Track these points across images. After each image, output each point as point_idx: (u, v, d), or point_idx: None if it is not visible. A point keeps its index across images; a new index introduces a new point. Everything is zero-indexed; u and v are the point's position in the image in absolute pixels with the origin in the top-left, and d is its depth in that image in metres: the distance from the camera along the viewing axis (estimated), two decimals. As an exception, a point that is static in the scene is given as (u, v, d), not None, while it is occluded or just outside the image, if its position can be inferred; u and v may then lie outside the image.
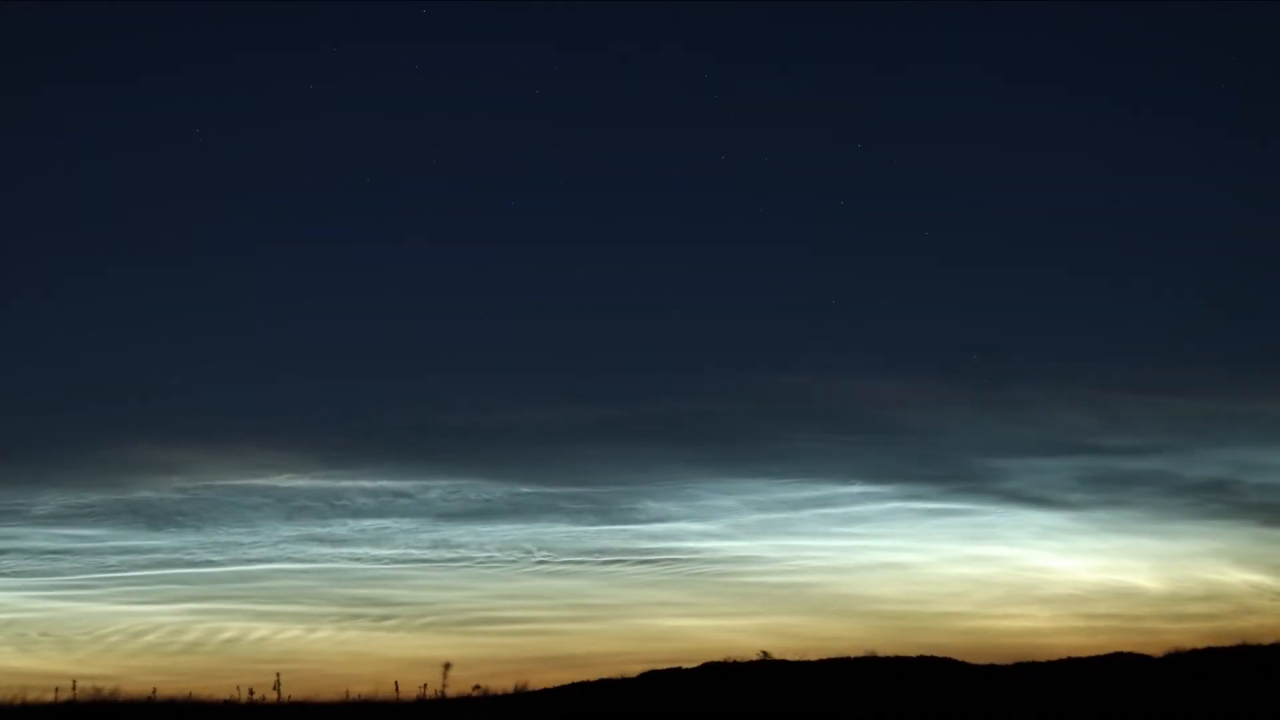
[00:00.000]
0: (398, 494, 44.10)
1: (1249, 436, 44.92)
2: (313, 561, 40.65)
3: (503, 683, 26.66)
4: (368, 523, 42.76)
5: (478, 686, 24.51)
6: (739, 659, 31.49)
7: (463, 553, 41.62)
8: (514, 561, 41.32)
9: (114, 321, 48.26)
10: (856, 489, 44.22)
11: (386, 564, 40.99)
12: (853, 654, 31.25)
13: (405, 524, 42.92)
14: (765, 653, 31.44)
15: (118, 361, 47.43)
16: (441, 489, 44.48)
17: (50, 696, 20.94)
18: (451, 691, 23.53)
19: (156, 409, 46.79)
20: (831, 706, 24.10)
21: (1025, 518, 43.13)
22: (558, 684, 30.18)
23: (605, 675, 31.13)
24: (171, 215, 48.98)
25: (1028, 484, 44.28)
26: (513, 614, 39.08)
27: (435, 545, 41.93)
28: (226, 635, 35.94)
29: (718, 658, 31.74)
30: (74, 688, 21.08)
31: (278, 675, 22.20)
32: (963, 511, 43.45)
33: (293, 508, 43.05)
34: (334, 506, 43.33)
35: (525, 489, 45.08)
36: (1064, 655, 31.70)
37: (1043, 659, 31.49)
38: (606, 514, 44.00)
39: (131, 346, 47.86)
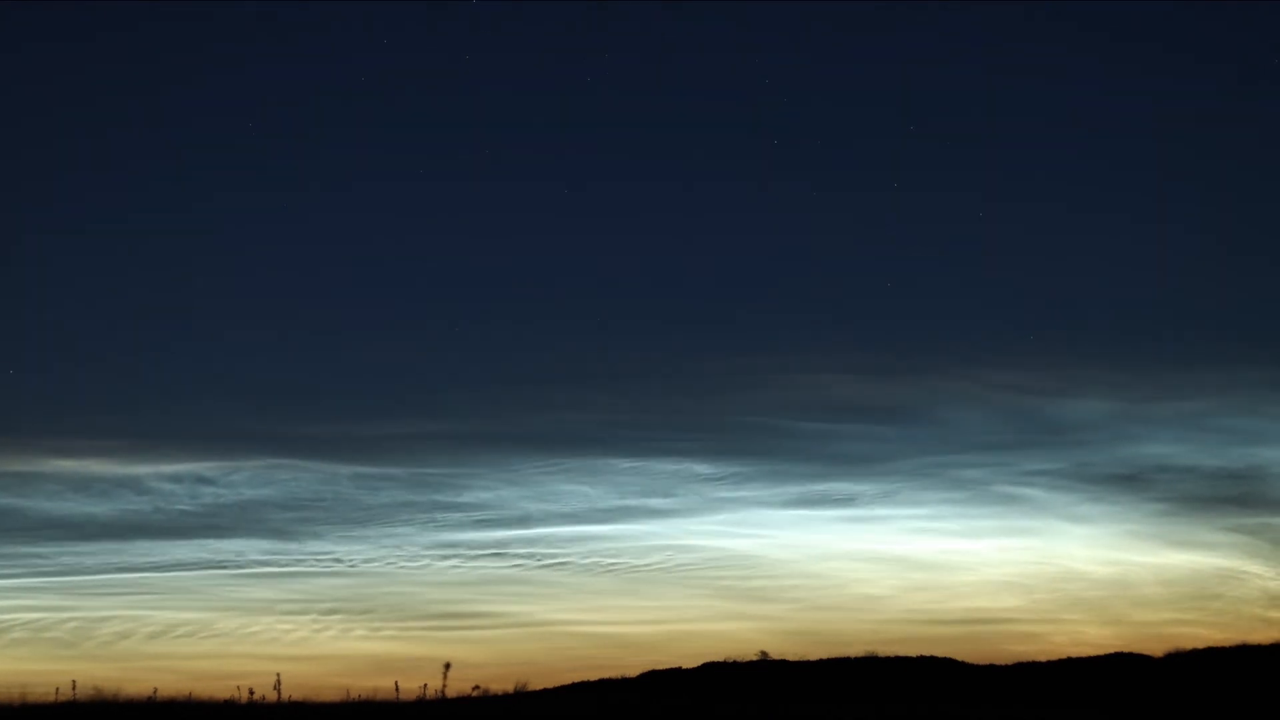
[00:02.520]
0: (200, 478, 42.28)
1: (1154, 433, 45.17)
2: (189, 568, 38.90)
3: (502, 683, 26.64)
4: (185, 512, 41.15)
5: (478, 686, 24.48)
6: (739, 659, 31.61)
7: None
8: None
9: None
10: (739, 489, 43.59)
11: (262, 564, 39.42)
12: (853, 654, 31.40)
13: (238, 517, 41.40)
14: (765, 653, 31.54)
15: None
16: (248, 471, 42.92)
17: (50, 696, 20.92)
18: (451, 691, 23.49)
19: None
20: (831, 706, 24.10)
21: (928, 509, 43.01)
22: (558, 684, 30.30)
23: (605, 675, 31.28)
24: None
25: (919, 481, 43.99)
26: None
27: (280, 537, 40.52)
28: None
29: (715, 657, 31.93)
30: (74, 688, 21.06)
31: (278, 675, 22.19)
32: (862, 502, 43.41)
33: (97, 493, 41.35)
34: (140, 493, 41.58)
35: (346, 470, 43.67)
36: (1062, 655, 31.89)
37: (1043, 659, 31.63)
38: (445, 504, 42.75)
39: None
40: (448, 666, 23.50)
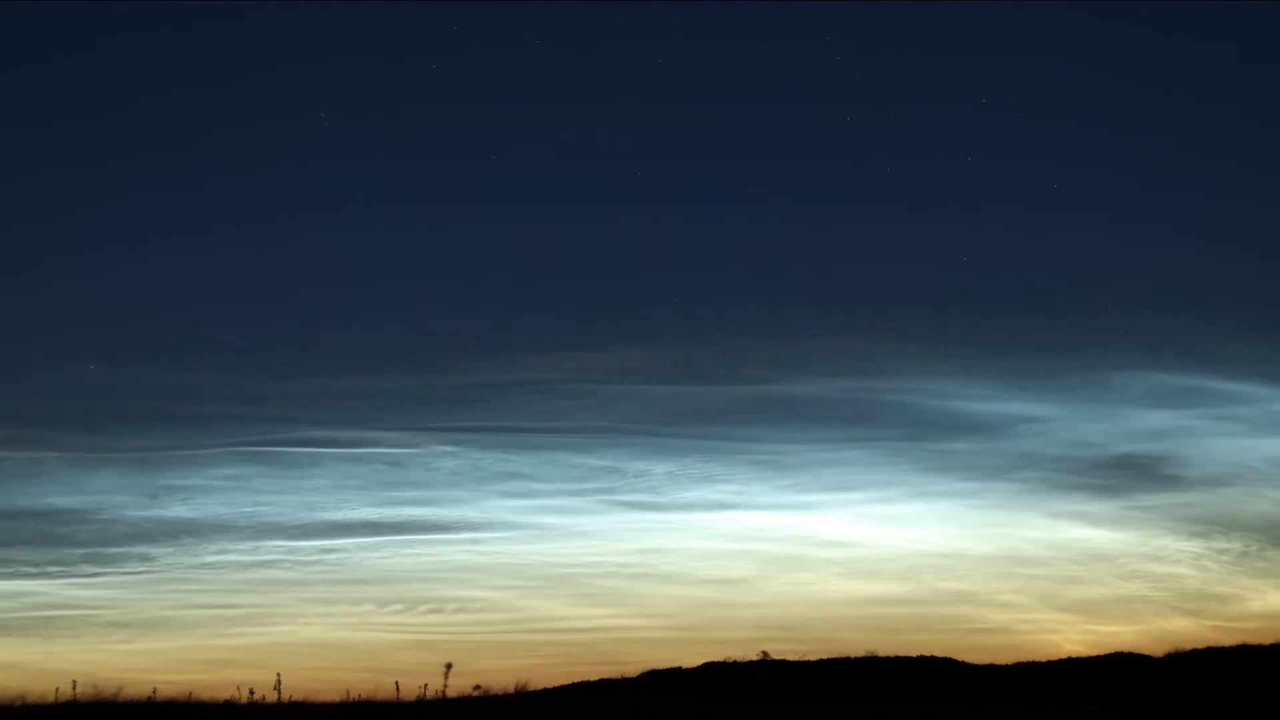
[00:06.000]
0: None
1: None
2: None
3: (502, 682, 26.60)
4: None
5: (478, 686, 24.47)
6: (739, 659, 31.61)
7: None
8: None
9: None
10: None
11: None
12: (853, 654, 31.39)
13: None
14: (765, 653, 31.54)
15: None
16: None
17: (50, 697, 20.89)
18: (452, 692, 23.49)
19: None
20: (831, 706, 24.11)
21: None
22: (558, 684, 30.30)
23: (605, 675, 31.28)
24: None
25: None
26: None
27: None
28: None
29: (715, 657, 31.94)
30: (74, 688, 21.04)
31: (278, 675, 22.19)
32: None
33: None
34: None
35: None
36: (1063, 655, 31.92)
37: (1043, 659, 31.66)
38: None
39: None
40: (449, 667, 23.54)
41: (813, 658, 31.55)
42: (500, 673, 32.36)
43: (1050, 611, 38.12)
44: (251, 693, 21.92)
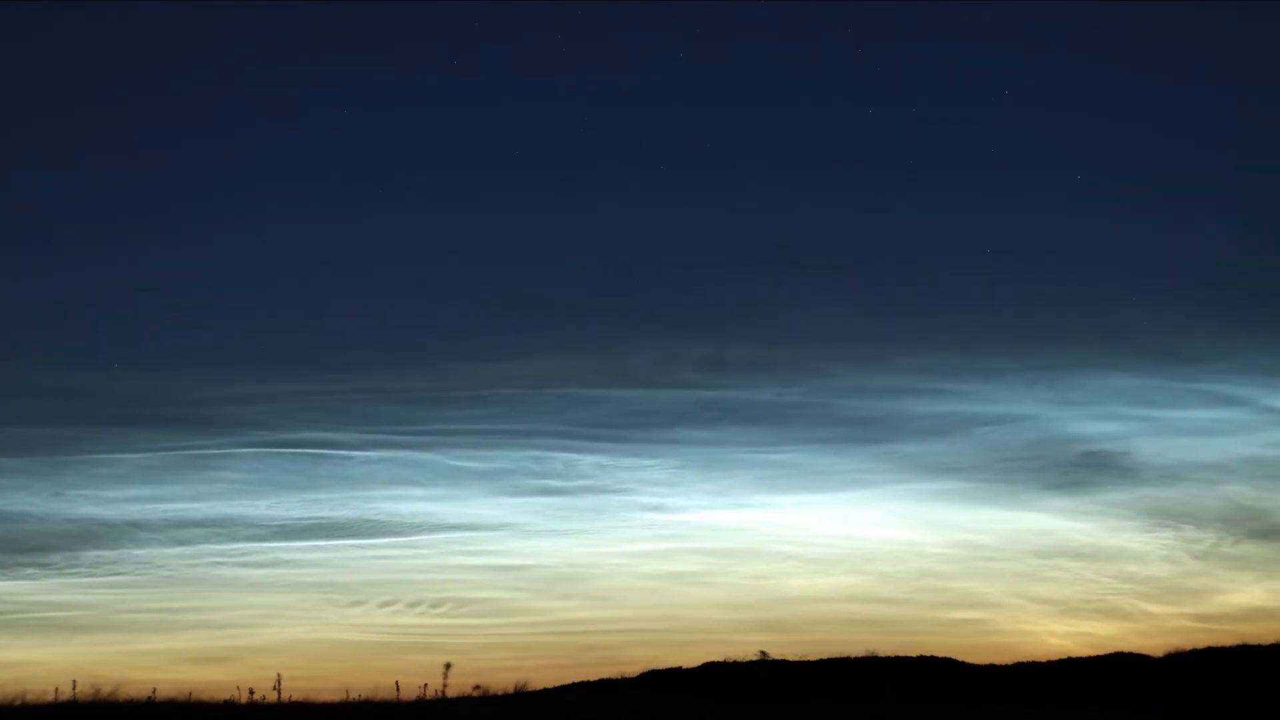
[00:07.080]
0: None
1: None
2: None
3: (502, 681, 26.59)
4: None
5: (478, 686, 24.49)
6: (739, 659, 31.59)
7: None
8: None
9: None
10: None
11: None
12: (853, 654, 31.36)
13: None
14: (765, 653, 31.52)
15: None
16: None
17: (50, 696, 20.87)
18: (451, 692, 23.51)
19: None
20: (831, 706, 24.10)
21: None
22: (558, 684, 30.28)
23: (605, 675, 31.27)
24: None
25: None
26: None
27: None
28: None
29: (715, 657, 31.92)
30: (74, 688, 21.02)
31: (278, 675, 22.20)
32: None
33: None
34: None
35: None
36: (1061, 655, 31.92)
37: (1043, 659, 31.65)
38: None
39: None
40: (448, 666, 23.55)
41: (813, 658, 31.57)
42: (492, 673, 32.49)
43: (1024, 607, 38.33)
44: (251, 692, 21.93)
